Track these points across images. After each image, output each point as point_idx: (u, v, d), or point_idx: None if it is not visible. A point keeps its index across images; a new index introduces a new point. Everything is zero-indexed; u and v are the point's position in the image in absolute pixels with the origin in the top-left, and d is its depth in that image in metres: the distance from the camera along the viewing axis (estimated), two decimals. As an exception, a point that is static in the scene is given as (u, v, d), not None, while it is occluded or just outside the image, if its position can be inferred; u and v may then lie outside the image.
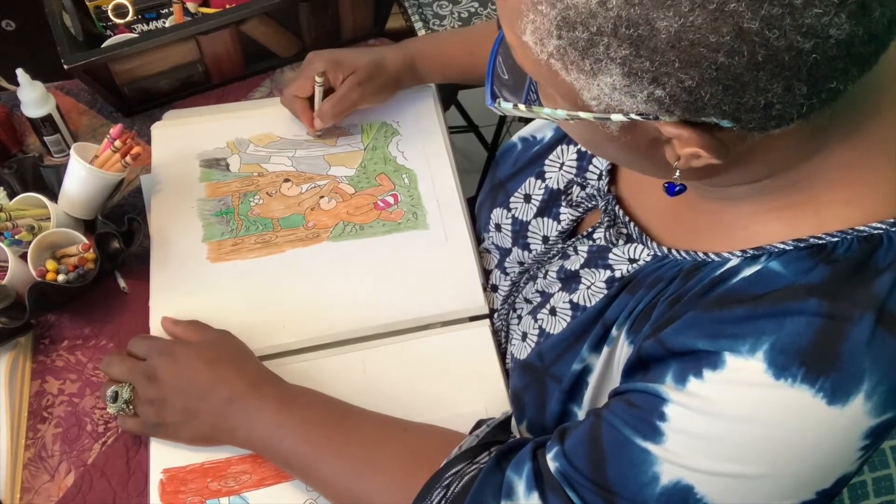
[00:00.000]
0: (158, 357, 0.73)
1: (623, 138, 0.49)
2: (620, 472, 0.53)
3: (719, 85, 0.40)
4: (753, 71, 0.40)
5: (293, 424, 0.69)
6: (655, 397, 0.53)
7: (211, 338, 0.76)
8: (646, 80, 0.42)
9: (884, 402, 0.47)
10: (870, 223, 0.49)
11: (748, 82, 0.40)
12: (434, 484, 0.62)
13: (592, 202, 0.69)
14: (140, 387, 0.72)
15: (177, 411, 0.71)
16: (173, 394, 0.71)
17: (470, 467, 0.62)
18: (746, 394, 0.49)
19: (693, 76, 0.40)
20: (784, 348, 0.48)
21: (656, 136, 0.47)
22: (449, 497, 0.61)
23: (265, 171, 0.92)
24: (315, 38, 1.04)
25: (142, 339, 0.77)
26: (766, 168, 0.51)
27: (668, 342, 0.53)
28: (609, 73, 0.43)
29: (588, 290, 0.67)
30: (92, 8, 1.02)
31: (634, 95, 0.43)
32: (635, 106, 0.44)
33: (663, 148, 0.48)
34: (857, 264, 0.49)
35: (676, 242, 0.61)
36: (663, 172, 0.52)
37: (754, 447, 0.49)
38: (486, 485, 0.59)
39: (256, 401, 0.70)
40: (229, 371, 0.72)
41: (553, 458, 0.58)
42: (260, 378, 0.72)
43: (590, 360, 0.64)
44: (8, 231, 0.79)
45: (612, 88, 0.44)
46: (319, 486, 0.69)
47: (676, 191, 0.52)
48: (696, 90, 0.41)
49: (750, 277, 0.52)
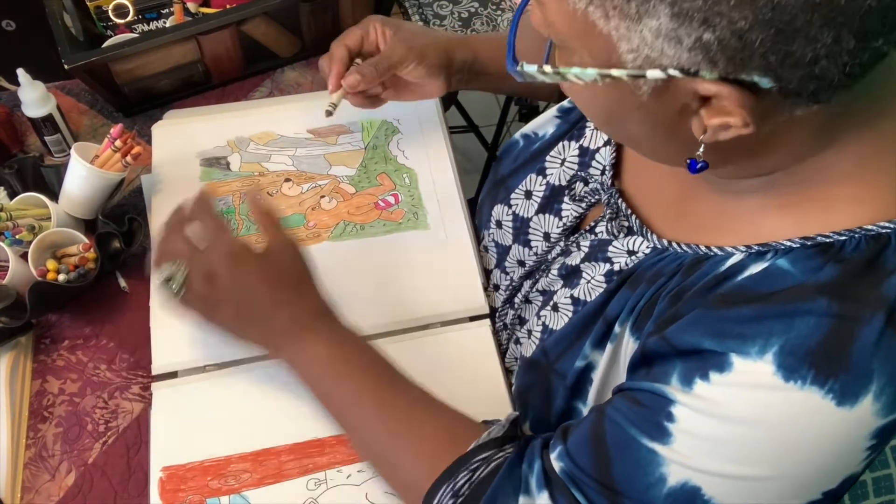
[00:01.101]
0: (222, 260, 0.67)
1: (651, 105, 0.47)
2: (626, 473, 0.53)
3: (771, 28, 0.39)
4: (808, 13, 0.39)
5: (340, 367, 0.68)
6: (662, 398, 0.53)
7: (279, 249, 0.70)
8: (696, 22, 0.40)
9: (891, 403, 0.47)
10: (878, 222, 0.49)
11: (800, 28, 0.39)
12: (461, 466, 0.61)
13: (596, 196, 0.69)
14: (194, 278, 0.68)
15: (227, 316, 0.69)
16: (227, 302, 0.68)
17: (497, 454, 0.62)
18: (755, 396, 0.49)
19: (747, 16, 0.39)
20: (793, 350, 0.48)
21: (686, 102, 0.46)
22: (474, 481, 0.60)
23: (266, 171, 0.92)
24: (315, 38, 1.04)
25: (211, 217, 0.70)
26: (779, 159, 0.51)
27: (673, 340, 0.53)
28: (656, 14, 0.41)
29: (588, 284, 0.67)
30: (92, 8, 1.02)
31: (680, 42, 0.42)
32: (677, 57, 0.42)
33: (689, 120, 0.47)
34: (865, 264, 0.48)
35: (678, 236, 0.60)
36: (683, 151, 0.50)
37: (763, 449, 0.49)
38: (510, 475, 0.59)
39: (310, 334, 0.68)
40: (289, 296, 0.69)
41: (557, 458, 0.58)
42: (319, 311, 0.70)
43: (593, 357, 0.64)
44: (8, 231, 0.79)
45: (657, 35, 0.42)
46: (350, 431, 0.69)
47: (698, 167, 0.50)
48: (747, 34, 0.40)
49: (757, 275, 0.52)
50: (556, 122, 0.78)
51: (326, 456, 0.74)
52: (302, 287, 0.71)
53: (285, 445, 0.75)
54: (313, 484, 0.73)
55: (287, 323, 0.69)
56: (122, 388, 0.80)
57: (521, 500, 0.58)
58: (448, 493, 0.61)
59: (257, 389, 0.77)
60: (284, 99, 1.00)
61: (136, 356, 0.82)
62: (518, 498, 0.58)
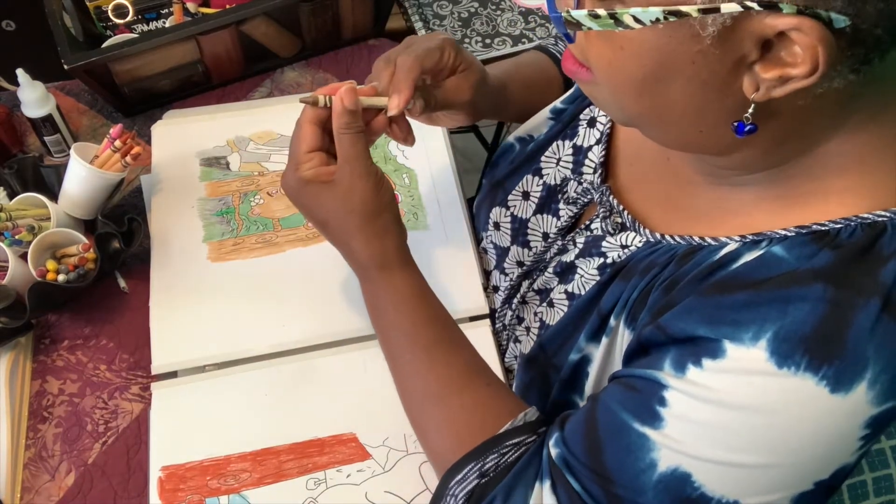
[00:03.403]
0: (290, 192, 0.68)
1: (709, 54, 0.45)
2: (617, 458, 0.53)
3: None
4: None
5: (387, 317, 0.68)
6: (655, 383, 0.52)
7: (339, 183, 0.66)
8: None
9: (886, 391, 0.47)
10: (874, 210, 0.49)
11: None
12: (492, 446, 0.61)
13: (588, 196, 0.69)
14: None
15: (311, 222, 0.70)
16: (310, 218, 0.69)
17: (530, 439, 0.62)
18: (748, 383, 0.49)
19: None
20: (787, 336, 0.47)
21: (745, 52, 0.44)
22: (501, 465, 0.60)
23: (266, 171, 0.92)
24: (315, 38, 1.04)
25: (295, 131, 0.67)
26: (788, 150, 0.51)
27: (668, 327, 0.53)
28: None
29: (582, 278, 0.67)
30: (92, 8, 1.02)
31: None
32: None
33: (742, 77, 0.46)
34: (861, 250, 0.48)
35: (671, 229, 0.60)
36: (727, 115, 0.48)
37: (756, 436, 0.49)
38: (530, 464, 0.59)
39: (362, 278, 0.69)
40: (340, 239, 0.68)
41: (554, 445, 0.58)
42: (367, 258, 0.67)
43: (588, 350, 0.64)
44: (8, 231, 0.79)
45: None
46: (396, 374, 0.68)
47: (747, 130, 0.48)
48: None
49: (752, 262, 0.52)
50: (549, 123, 0.78)
51: (326, 456, 0.74)
52: (361, 228, 0.67)
53: (285, 445, 0.75)
54: (313, 483, 0.73)
55: (349, 259, 0.69)
56: (122, 388, 0.80)
57: (537, 486, 0.58)
58: (475, 472, 0.60)
59: (257, 389, 0.77)
60: (284, 99, 1.00)
61: (135, 356, 0.82)
62: (535, 483, 0.58)
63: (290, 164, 0.67)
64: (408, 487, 0.73)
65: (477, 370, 0.67)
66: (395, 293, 0.68)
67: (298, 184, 0.66)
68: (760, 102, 0.46)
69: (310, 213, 0.68)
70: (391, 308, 0.68)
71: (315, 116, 0.66)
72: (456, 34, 1.32)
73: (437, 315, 0.69)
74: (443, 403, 0.65)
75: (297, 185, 0.66)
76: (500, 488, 0.59)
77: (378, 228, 0.67)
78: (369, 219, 0.66)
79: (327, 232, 0.68)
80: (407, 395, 0.68)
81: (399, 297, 0.68)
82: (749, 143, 0.51)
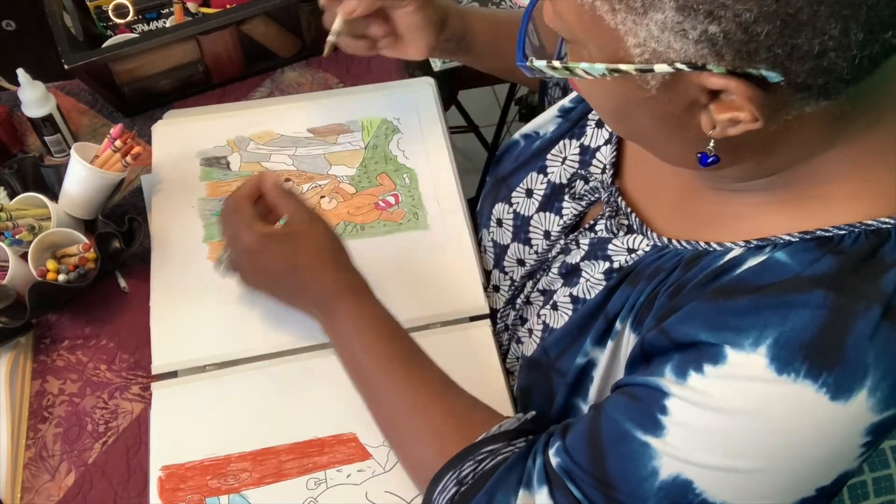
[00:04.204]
0: (241, 253, 0.73)
1: (659, 100, 0.47)
2: (620, 467, 0.53)
3: (777, 20, 0.39)
4: (814, 4, 0.39)
5: (360, 341, 0.70)
6: (656, 391, 0.53)
7: (296, 229, 0.72)
8: (701, 15, 0.41)
9: (887, 399, 0.47)
10: (878, 217, 0.49)
11: (806, 21, 0.39)
12: (468, 455, 0.62)
13: (595, 195, 0.69)
14: (233, 262, 0.75)
15: (260, 289, 0.76)
16: (259, 286, 0.75)
17: (505, 448, 0.62)
18: (748, 389, 0.49)
19: (751, 8, 0.39)
20: (787, 343, 0.47)
21: (695, 97, 0.46)
22: (478, 472, 0.61)
23: (266, 171, 0.92)
24: (315, 38, 1.04)
25: (231, 212, 0.73)
26: (783, 159, 0.51)
27: (671, 332, 0.53)
28: (661, 8, 0.41)
29: (587, 282, 0.67)
30: (92, 8, 1.02)
31: (686, 35, 0.42)
32: (684, 51, 0.43)
33: (699, 115, 0.47)
34: (863, 257, 0.48)
35: (678, 233, 0.60)
36: (692, 146, 0.50)
37: (755, 442, 0.49)
38: (514, 468, 0.59)
39: (340, 310, 0.71)
40: (309, 278, 0.71)
41: (555, 454, 0.58)
42: (338, 289, 0.71)
43: (594, 355, 0.64)
44: (8, 231, 0.79)
45: (662, 28, 0.42)
46: (370, 402, 0.70)
47: (709, 161, 0.50)
48: (753, 27, 0.40)
49: (755, 268, 0.52)
50: (557, 121, 0.78)
51: (326, 455, 0.74)
52: (320, 266, 0.72)
53: (285, 445, 0.75)
54: (313, 483, 0.73)
55: (318, 298, 0.71)
56: (122, 388, 0.80)
57: (521, 493, 0.58)
58: (453, 481, 0.61)
59: (257, 389, 0.77)
60: (284, 99, 1.00)
61: (135, 356, 0.82)
62: (518, 491, 0.58)
63: (244, 228, 0.71)
64: (408, 487, 0.72)
65: (449, 381, 0.69)
66: (369, 315, 0.71)
67: (260, 239, 0.71)
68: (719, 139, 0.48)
69: (276, 264, 0.71)
70: (366, 330, 0.70)
71: (251, 192, 0.73)
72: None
73: (403, 332, 0.71)
74: (425, 411, 0.66)
75: (258, 240, 0.71)
76: (482, 495, 0.59)
77: (344, 258, 0.73)
78: (338, 251, 0.73)
79: (295, 277, 0.71)
80: (384, 412, 0.69)
81: (373, 318, 0.71)
82: (735, 157, 0.51)
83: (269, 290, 0.75)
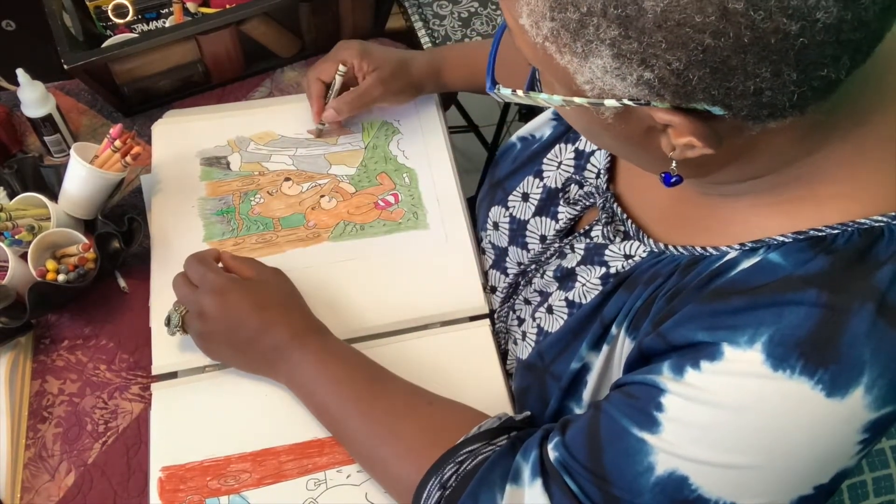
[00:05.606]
0: (209, 295, 0.73)
1: (618, 126, 0.49)
2: (616, 462, 0.54)
3: (706, 67, 0.40)
4: (740, 54, 0.39)
5: (326, 380, 0.71)
6: (653, 388, 0.53)
7: (263, 278, 0.76)
8: (635, 63, 0.42)
9: (884, 396, 0.47)
10: (871, 216, 0.49)
11: (735, 66, 0.40)
12: (448, 458, 0.62)
13: (590, 200, 0.70)
14: (190, 317, 0.75)
15: (223, 347, 0.75)
16: (220, 333, 0.73)
17: (486, 448, 0.62)
18: (744, 384, 0.49)
19: (680, 58, 0.40)
20: (782, 340, 0.48)
21: (651, 124, 0.47)
22: (460, 473, 0.61)
23: (266, 170, 0.92)
24: (315, 38, 1.04)
25: (197, 263, 0.76)
26: (766, 164, 0.51)
27: (668, 336, 0.53)
28: (600, 55, 0.43)
29: (583, 287, 0.67)
30: (92, 8, 1.02)
31: (625, 78, 0.43)
32: (627, 90, 0.44)
33: (659, 138, 0.48)
34: (856, 255, 0.48)
35: (674, 239, 0.61)
36: (660, 164, 0.52)
37: (750, 437, 0.49)
38: (496, 466, 0.60)
39: (298, 352, 0.72)
40: (277, 317, 0.73)
41: (553, 448, 0.58)
42: (304, 327, 0.74)
43: (589, 359, 0.64)
44: (8, 231, 0.79)
45: (604, 71, 0.44)
46: (344, 442, 0.72)
47: (672, 181, 0.52)
48: (684, 73, 0.41)
49: (749, 269, 0.52)
50: (552, 124, 0.78)
51: (326, 456, 0.74)
52: (288, 306, 0.75)
53: (285, 445, 0.75)
54: (313, 484, 0.73)
55: (276, 341, 0.73)
56: (122, 388, 0.80)
57: (509, 488, 0.58)
58: (436, 486, 0.62)
59: (257, 390, 0.77)
60: (284, 99, 1.00)
61: (135, 356, 0.82)
62: (505, 486, 0.58)
63: (211, 272, 0.74)
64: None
65: (414, 393, 0.71)
66: (333, 350, 0.73)
67: (228, 280, 0.74)
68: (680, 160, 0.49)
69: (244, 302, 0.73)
70: (332, 364, 0.72)
71: (212, 255, 0.78)
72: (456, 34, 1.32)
73: (364, 359, 0.74)
74: (396, 430, 0.67)
75: (227, 280, 0.74)
76: (465, 497, 0.59)
77: (303, 301, 0.78)
78: (301, 298, 0.78)
79: (262, 315, 0.73)
80: (357, 441, 0.69)
81: (337, 352, 0.73)
82: (706, 170, 0.52)
83: (227, 338, 0.73)
